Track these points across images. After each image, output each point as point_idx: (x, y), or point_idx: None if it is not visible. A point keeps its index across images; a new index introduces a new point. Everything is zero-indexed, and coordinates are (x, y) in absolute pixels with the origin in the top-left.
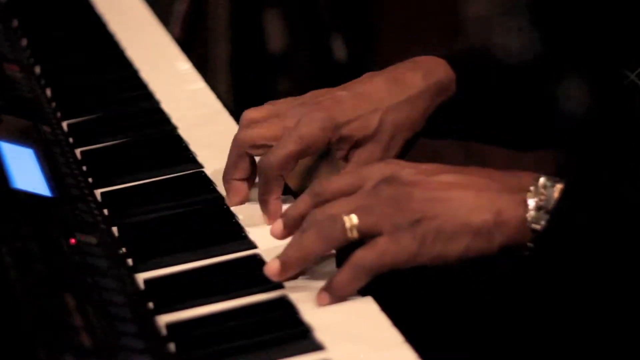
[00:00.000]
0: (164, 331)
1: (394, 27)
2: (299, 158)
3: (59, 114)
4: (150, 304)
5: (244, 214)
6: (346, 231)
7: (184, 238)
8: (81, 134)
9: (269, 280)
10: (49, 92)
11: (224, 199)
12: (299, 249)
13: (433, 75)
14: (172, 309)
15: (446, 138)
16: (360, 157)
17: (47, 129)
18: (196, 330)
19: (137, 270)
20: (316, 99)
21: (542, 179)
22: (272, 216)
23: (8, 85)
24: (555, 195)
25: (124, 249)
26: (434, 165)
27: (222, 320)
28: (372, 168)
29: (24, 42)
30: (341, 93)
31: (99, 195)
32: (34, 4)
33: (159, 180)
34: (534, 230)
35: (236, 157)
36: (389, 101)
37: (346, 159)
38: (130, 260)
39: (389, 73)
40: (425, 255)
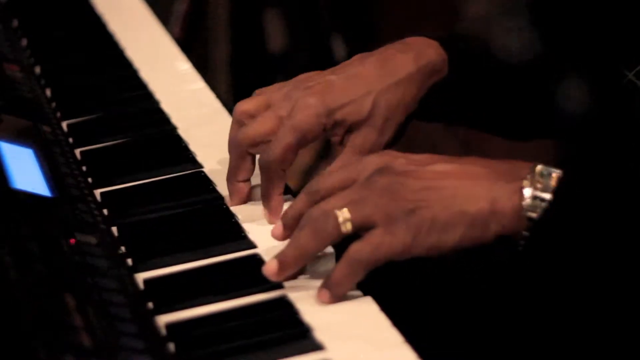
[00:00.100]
0: (163, 331)
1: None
2: (297, 149)
3: (59, 114)
4: (150, 304)
5: (243, 214)
6: (339, 226)
7: (184, 238)
8: (81, 134)
9: (269, 280)
10: (49, 92)
11: (224, 198)
12: (295, 247)
13: (424, 56)
14: (172, 309)
15: (440, 121)
16: (355, 141)
17: (47, 129)
18: (196, 330)
19: (137, 270)
20: (306, 83)
21: (539, 167)
22: (274, 212)
23: (8, 85)
24: (552, 184)
25: (124, 249)
26: (428, 155)
27: (222, 320)
28: (366, 160)
29: (24, 42)
30: (332, 77)
31: (98, 195)
32: (34, 4)
33: (159, 180)
34: (530, 219)
35: (238, 159)
36: (381, 84)
37: (341, 144)
38: (130, 260)
39: (379, 55)
40: (420, 246)
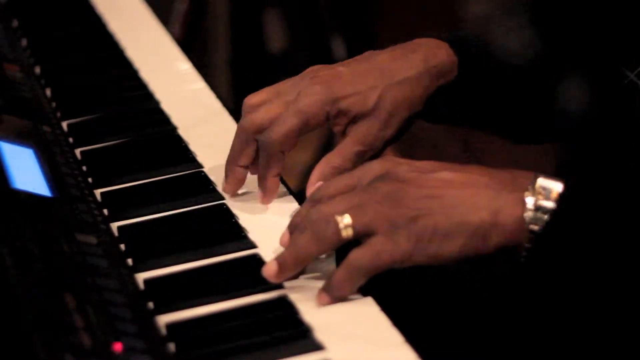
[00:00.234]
0: (163, 331)
1: (394, 27)
2: (299, 134)
3: (59, 114)
4: (150, 304)
5: (244, 214)
6: (340, 231)
7: (184, 238)
8: (81, 134)
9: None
10: (49, 92)
11: (224, 198)
12: (294, 250)
13: (434, 57)
14: (172, 309)
15: (444, 123)
16: (357, 132)
17: (47, 129)
18: (196, 330)
19: (137, 270)
20: (316, 73)
21: (541, 178)
22: (268, 193)
23: (8, 85)
24: (554, 196)
25: (124, 249)
26: (431, 163)
27: (222, 320)
28: (368, 166)
29: (24, 42)
30: (341, 69)
31: (98, 195)
32: (34, 4)
33: (159, 180)
34: (532, 230)
35: (242, 143)
36: (389, 80)
37: (344, 134)
38: (130, 260)
39: (390, 52)
40: (421, 255)
